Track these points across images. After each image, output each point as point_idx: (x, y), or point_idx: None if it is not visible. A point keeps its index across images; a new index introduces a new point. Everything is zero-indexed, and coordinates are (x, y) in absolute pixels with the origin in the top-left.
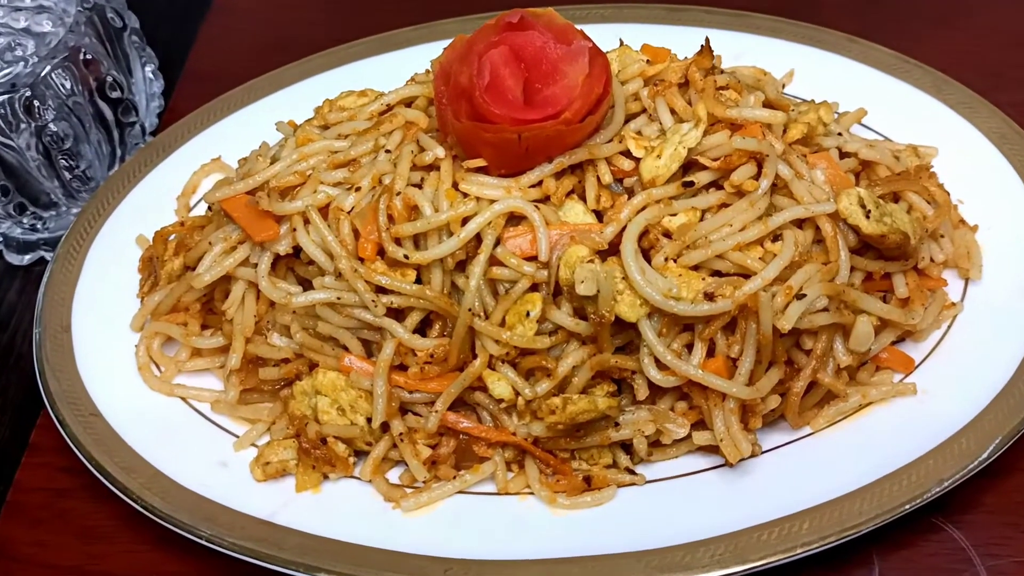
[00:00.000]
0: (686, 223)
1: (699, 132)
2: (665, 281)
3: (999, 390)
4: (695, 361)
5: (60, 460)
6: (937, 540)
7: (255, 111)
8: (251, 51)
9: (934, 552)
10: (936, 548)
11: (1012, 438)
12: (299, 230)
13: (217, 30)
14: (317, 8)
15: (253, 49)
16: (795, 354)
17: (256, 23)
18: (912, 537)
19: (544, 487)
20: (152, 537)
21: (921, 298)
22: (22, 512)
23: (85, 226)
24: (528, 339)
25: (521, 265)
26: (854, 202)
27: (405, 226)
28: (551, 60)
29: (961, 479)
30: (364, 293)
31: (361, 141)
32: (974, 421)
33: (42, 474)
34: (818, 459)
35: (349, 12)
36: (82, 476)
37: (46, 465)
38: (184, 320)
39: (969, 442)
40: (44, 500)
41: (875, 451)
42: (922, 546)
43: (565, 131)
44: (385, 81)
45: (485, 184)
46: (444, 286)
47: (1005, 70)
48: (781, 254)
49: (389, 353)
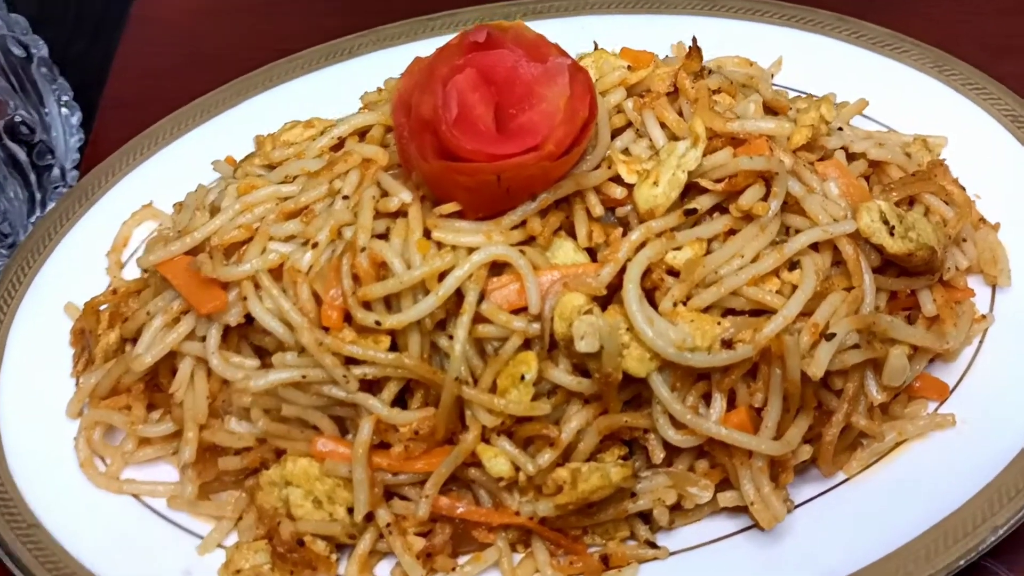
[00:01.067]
0: (692, 258)
1: (698, 152)
2: (677, 331)
3: None
4: (715, 416)
5: None
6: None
7: (186, 144)
8: (176, 69)
9: None
10: None
11: None
12: (250, 298)
13: (136, 46)
14: (248, 15)
15: (178, 66)
16: (824, 396)
17: (179, 36)
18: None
19: (557, 572)
20: None
21: (951, 315)
22: None
23: (5, 296)
24: (525, 406)
25: (510, 321)
26: (876, 218)
27: (374, 287)
28: (525, 82)
29: (1017, 524)
30: (332, 368)
31: (313, 184)
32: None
33: None
34: (857, 511)
35: (283, 17)
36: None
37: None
38: (127, 403)
39: (1019, 478)
40: None
41: (917, 496)
42: None
43: (549, 167)
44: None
45: (461, 230)
46: (424, 349)
47: (1005, 39)
48: (802, 286)
49: (367, 433)
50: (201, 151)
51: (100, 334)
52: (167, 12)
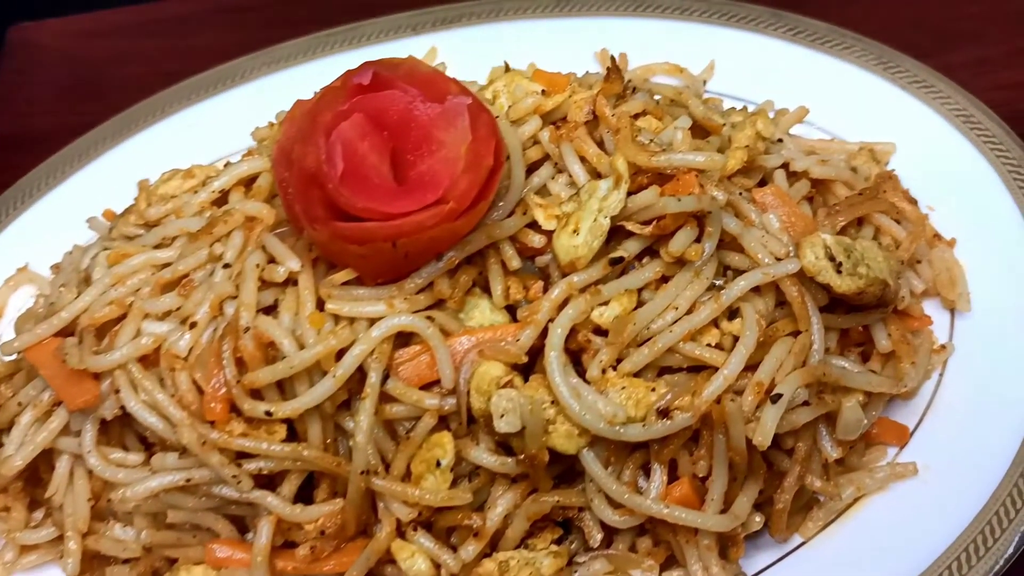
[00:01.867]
0: (621, 315)
1: (621, 193)
2: (608, 402)
3: (1014, 454)
4: (655, 491)
5: None
6: None
7: (61, 197)
8: (58, 99)
9: None
10: None
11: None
12: (124, 390)
13: (12, 76)
14: (133, 37)
15: (60, 96)
16: (775, 456)
17: (59, 61)
18: None
19: None
20: None
21: (907, 351)
22: None
23: None
24: (443, 495)
25: (421, 399)
26: (820, 255)
27: (261, 373)
28: (422, 125)
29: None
30: (220, 468)
31: (191, 249)
32: (991, 501)
33: None
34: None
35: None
36: None
37: None
38: (5, 505)
39: (990, 533)
40: None
41: (881, 558)
42: None
43: (452, 226)
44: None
45: (360, 299)
46: (327, 434)
47: (951, 23)
48: (743, 339)
49: (267, 537)
50: (81, 200)
51: None
52: (46, 37)
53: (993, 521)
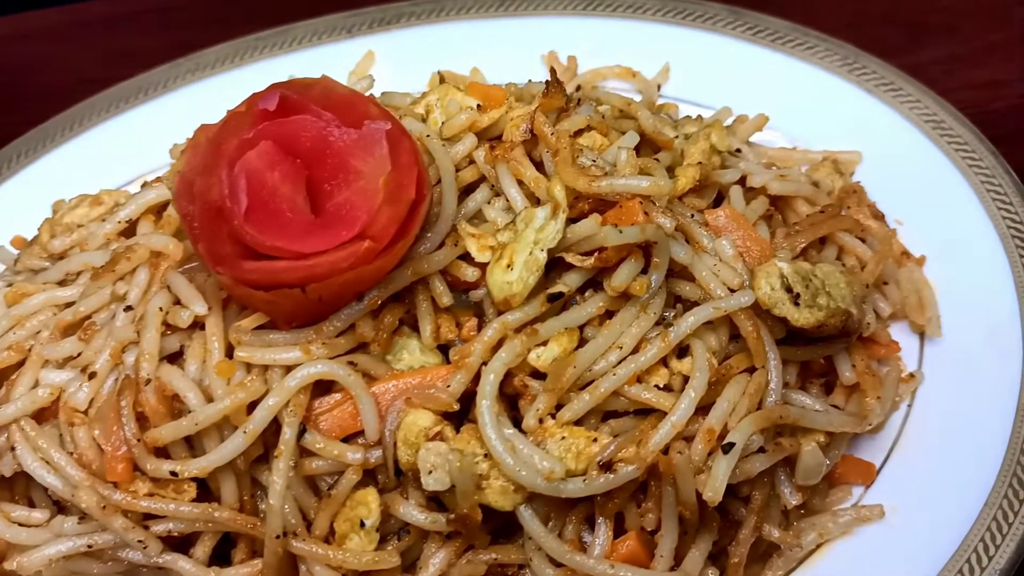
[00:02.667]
0: (560, 356)
1: (559, 223)
2: (544, 457)
3: (987, 493)
4: (599, 548)
5: None
6: None
7: None
8: None
9: None
10: None
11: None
12: (19, 447)
13: None
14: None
15: None
16: (730, 503)
17: None
18: None
19: None
20: None
21: (873, 384)
22: None
23: None
24: (368, 559)
25: (343, 453)
26: (776, 285)
27: (163, 430)
28: (337, 151)
29: None
30: (124, 532)
31: (94, 288)
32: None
33: None
34: None
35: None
36: None
37: None
38: None
39: None
40: None
41: None
42: None
43: (368, 269)
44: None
45: (272, 344)
46: (243, 491)
47: (923, 16)
48: (692, 381)
49: None
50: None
51: None
52: None
53: (964, 569)
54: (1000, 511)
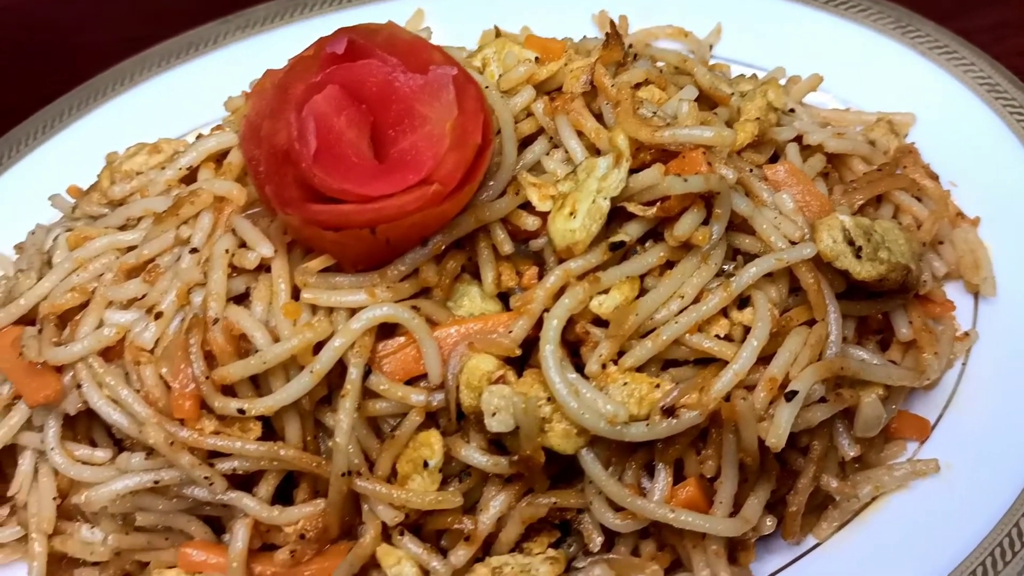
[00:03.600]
0: (622, 304)
1: (622, 172)
2: (608, 400)
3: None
4: (659, 493)
5: None
6: None
7: (25, 170)
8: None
9: None
10: None
11: None
12: (86, 385)
13: None
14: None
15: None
16: (788, 454)
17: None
18: None
19: None
20: None
21: (929, 340)
22: None
23: None
24: (431, 499)
25: (407, 395)
26: (839, 238)
27: (231, 368)
28: (403, 97)
29: None
30: (191, 469)
31: (157, 232)
32: (1019, 501)
33: None
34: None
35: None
36: None
37: None
38: None
39: (1017, 536)
40: None
41: (900, 561)
42: None
43: (436, 212)
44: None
45: (338, 287)
46: (306, 432)
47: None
48: (754, 330)
49: (243, 541)
50: (45, 174)
51: None
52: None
53: (1021, 522)
54: None
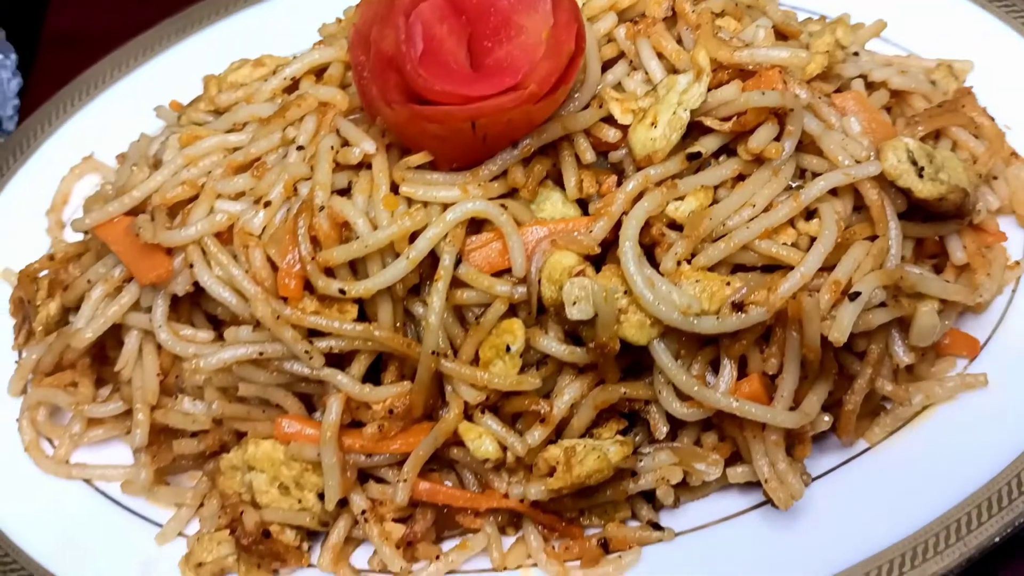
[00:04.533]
0: (697, 209)
1: (702, 87)
2: (681, 293)
3: None
4: (724, 386)
5: None
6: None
7: (127, 89)
8: None
9: None
10: None
11: None
12: (197, 266)
13: None
14: None
15: None
16: (845, 359)
17: None
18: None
19: (552, 559)
20: None
21: (982, 264)
22: None
23: None
24: (511, 381)
25: (493, 285)
26: (903, 158)
27: (336, 252)
28: (501, 10)
29: None
30: (293, 343)
31: (263, 133)
32: None
33: None
34: (880, 482)
35: None
36: None
37: None
38: (73, 380)
39: None
40: None
41: (947, 465)
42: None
43: (532, 109)
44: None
45: (434, 183)
46: (396, 318)
47: None
48: (821, 238)
49: (336, 413)
50: (145, 94)
51: (39, 304)
52: None
53: None
54: None
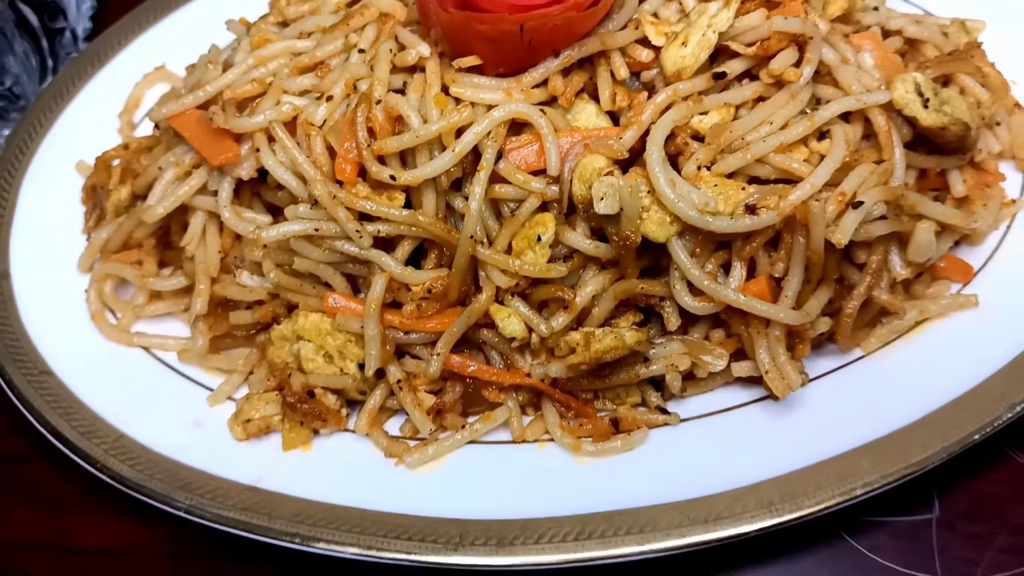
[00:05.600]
0: (719, 123)
1: (730, 12)
2: (700, 194)
3: None
4: (734, 283)
5: (11, 421)
6: (1000, 467)
7: (199, 8)
8: None
9: (999, 481)
10: (1000, 476)
11: None
12: (263, 150)
13: None
14: None
15: None
16: (846, 269)
17: None
18: (974, 465)
19: (566, 433)
20: (124, 505)
21: (980, 196)
22: None
23: (16, 153)
24: (540, 268)
25: (528, 181)
26: (911, 89)
27: (389, 141)
28: None
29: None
30: (346, 222)
31: (328, 40)
32: None
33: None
34: (872, 386)
35: None
36: (40, 437)
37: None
38: (138, 258)
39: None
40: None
41: (935, 373)
42: (985, 475)
43: (574, 19)
44: None
45: (481, 86)
46: (439, 209)
47: None
48: (831, 154)
49: (380, 290)
50: (216, 15)
51: (112, 189)
52: None
53: None
54: None
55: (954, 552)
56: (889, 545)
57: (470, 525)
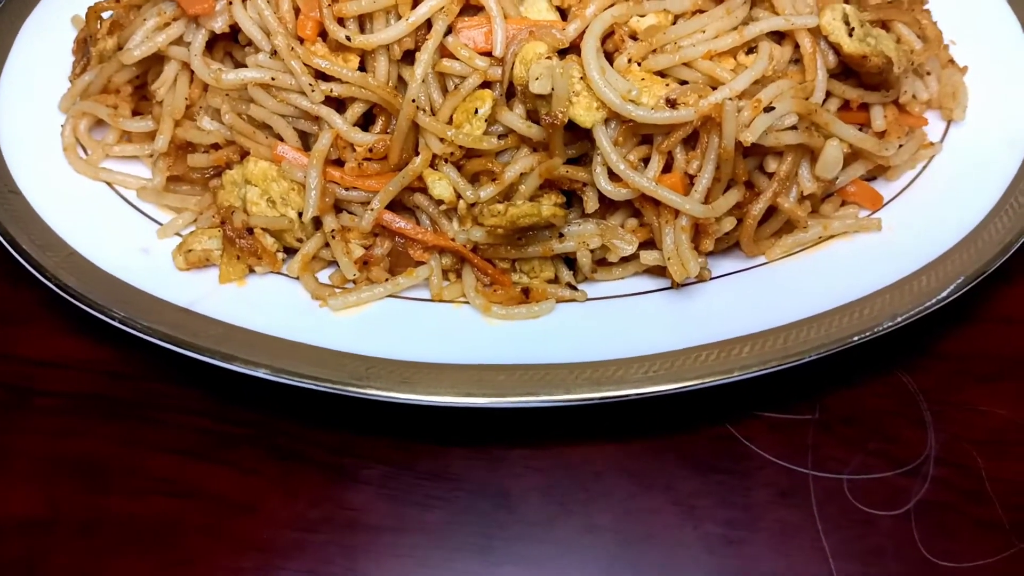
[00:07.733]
0: (655, 25)
1: None
2: (625, 83)
3: (966, 233)
4: (651, 174)
5: None
6: (884, 382)
7: None
8: None
9: (880, 394)
10: (883, 391)
11: (973, 280)
12: (236, 5)
13: None
14: None
15: None
16: (756, 177)
17: None
18: (860, 378)
19: (480, 295)
20: (69, 324)
21: (898, 132)
22: None
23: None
24: (475, 138)
25: (473, 58)
26: (838, 17)
27: (349, 4)
28: None
29: (915, 316)
30: (301, 76)
31: None
32: (937, 261)
33: None
34: (768, 288)
35: None
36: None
37: None
38: (115, 103)
39: (929, 281)
40: None
41: (829, 283)
42: (869, 388)
43: None
44: None
45: None
46: (389, 77)
47: None
48: (753, 65)
49: (325, 144)
50: None
51: (99, 39)
52: None
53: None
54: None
55: (827, 451)
56: (765, 436)
57: (377, 363)
